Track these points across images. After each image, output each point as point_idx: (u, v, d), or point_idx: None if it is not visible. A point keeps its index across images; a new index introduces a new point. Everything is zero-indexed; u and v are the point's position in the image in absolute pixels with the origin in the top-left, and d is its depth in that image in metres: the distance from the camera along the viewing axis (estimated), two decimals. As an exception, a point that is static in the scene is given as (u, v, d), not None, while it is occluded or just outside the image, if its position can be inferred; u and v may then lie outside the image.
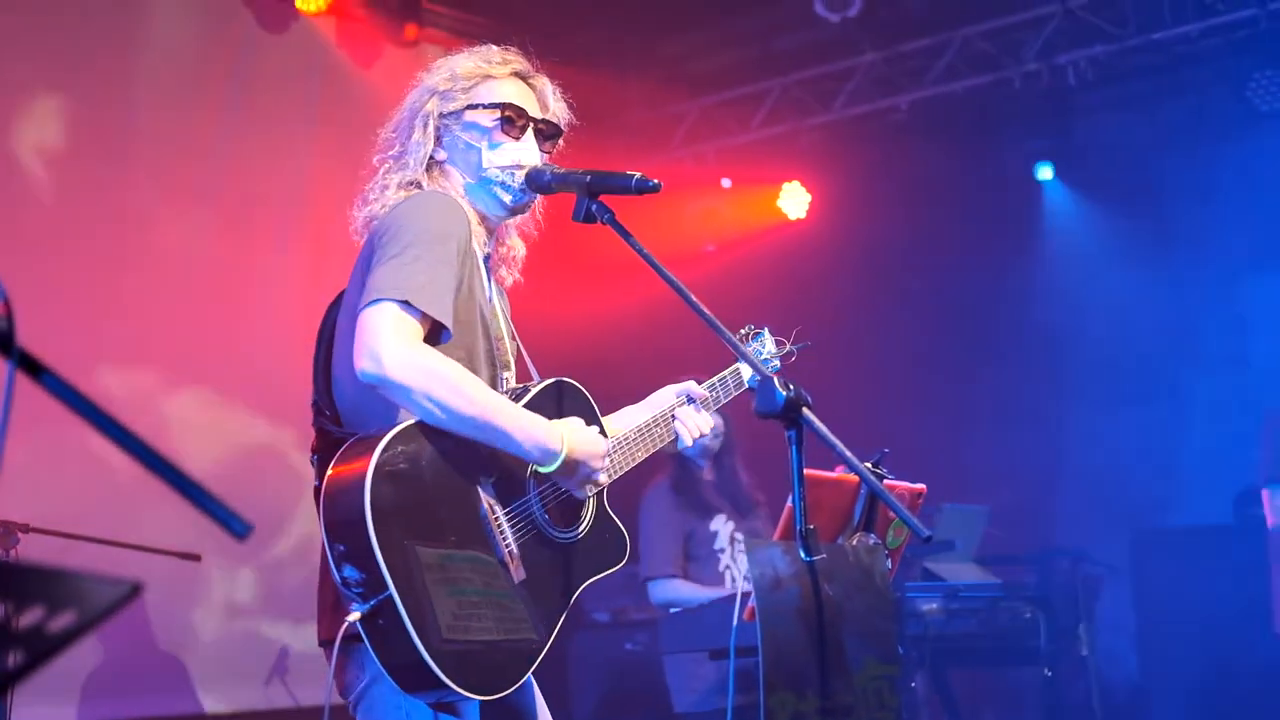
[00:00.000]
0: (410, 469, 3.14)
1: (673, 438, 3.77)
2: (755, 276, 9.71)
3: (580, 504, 3.52)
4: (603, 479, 3.47)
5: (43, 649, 1.29)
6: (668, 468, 7.07)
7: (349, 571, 3.06)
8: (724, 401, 3.93)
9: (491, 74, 3.62)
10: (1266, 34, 8.45)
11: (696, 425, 3.80)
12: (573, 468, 3.36)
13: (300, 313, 4.20)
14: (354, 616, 3.04)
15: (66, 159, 7.59)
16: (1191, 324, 9.33)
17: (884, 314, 10.01)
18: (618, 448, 3.60)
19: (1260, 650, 7.22)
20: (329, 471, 3.17)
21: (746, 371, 3.97)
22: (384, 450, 3.09)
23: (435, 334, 3.26)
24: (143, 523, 6.73)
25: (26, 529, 5.39)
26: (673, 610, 6.73)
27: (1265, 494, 6.51)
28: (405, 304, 3.16)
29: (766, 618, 3.04)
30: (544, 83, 3.73)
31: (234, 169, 8.19)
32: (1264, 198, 9.01)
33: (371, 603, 3.02)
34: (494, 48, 3.71)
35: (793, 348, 4.17)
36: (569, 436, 3.35)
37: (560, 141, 3.72)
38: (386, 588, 3.01)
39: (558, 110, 3.72)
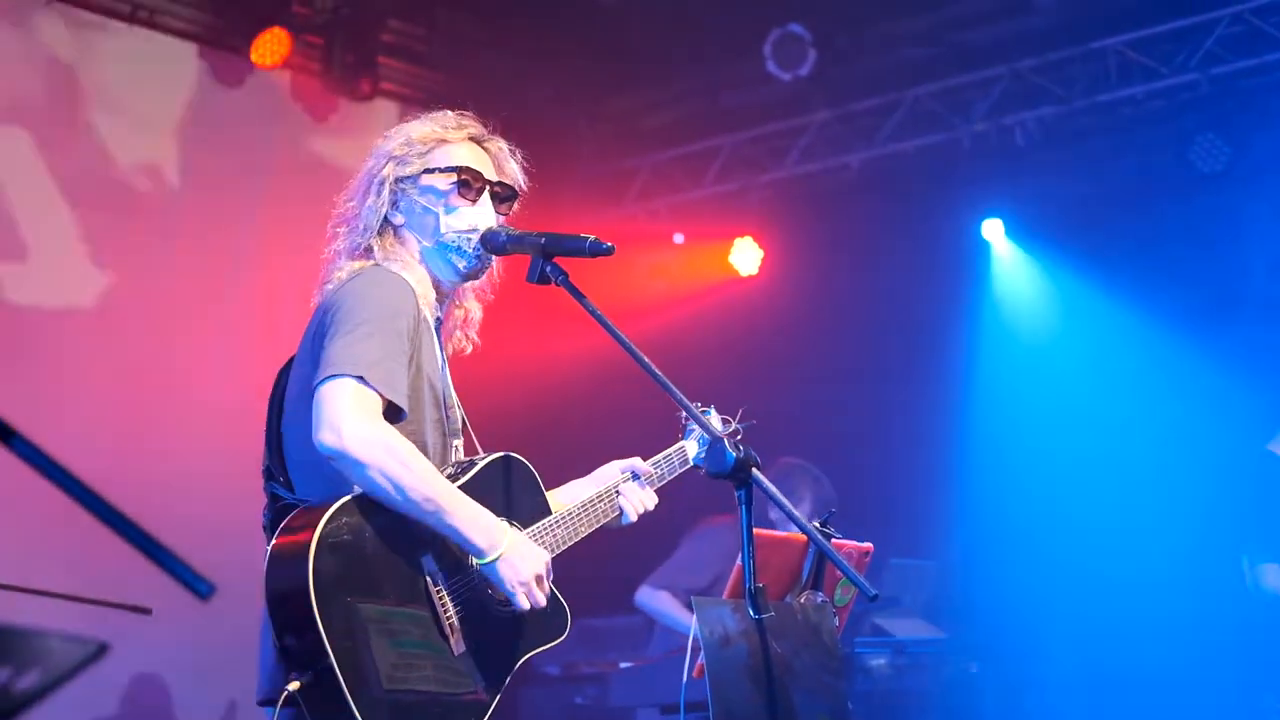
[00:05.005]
0: (354, 541, 3.15)
1: (617, 513, 3.79)
2: (707, 332, 9.75)
3: None
4: (523, 604, 3.38)
5: (7, 709, 1.30)
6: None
7: (290, 640, 3.09)
8: (669, 478, 3.96)
9: (447, 138, 3.63)
10: (1207, 98, 8.62)
11: (641, 501, 3.83)
12: (504, 569, 3.32)
13: (248, 361, 4.11)
14: (294, 686, 3.06)
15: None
16: (1136, 380, 9.41)
17: (834, 369, 10.06)
18: (561, 523, 3.62)
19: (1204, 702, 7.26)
20: (274, 540, 3.19)
21: (691, 449, 4.02)
22: (329, 521, 3.11)
23: (392, 412, 3.28)
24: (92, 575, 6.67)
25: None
26: (652, 620, 6.77)
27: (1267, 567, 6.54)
28: (362, 380, 3.18)
29: (716, 675, 3.07)
30: (499, 146, 3.74)
31: (185, 220, 8.18)
32: (1205, 256, 9.14)
33: (311, 672, 3.05)
34: (449, 113, 3.72)
35: (738, 426, 4.18)
36: (512, 539, 3.35)
37: (516, 204, 3.73)
38: (328, 658, 3.03)
39: (513, 172, 3.74)
